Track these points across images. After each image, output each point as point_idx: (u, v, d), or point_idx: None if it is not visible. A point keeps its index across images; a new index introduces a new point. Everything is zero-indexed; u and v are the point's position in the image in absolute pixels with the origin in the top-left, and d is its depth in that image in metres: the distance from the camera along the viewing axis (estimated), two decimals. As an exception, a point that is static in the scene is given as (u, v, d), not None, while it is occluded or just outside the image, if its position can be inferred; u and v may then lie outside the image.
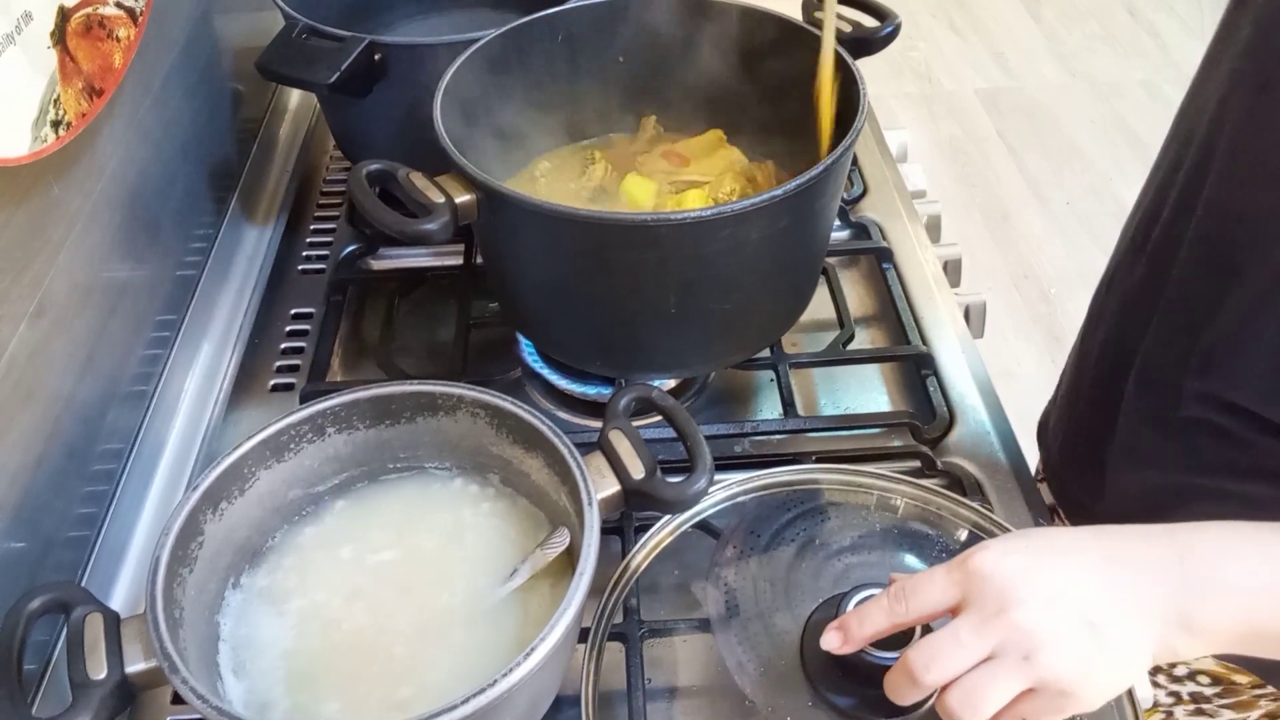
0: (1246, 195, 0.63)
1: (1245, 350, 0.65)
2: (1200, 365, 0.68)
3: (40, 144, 0.63)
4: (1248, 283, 0.64)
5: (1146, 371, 0.73)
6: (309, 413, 0.62)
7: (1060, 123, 2.92)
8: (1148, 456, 0.74)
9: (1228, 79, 0.65)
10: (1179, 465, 0.72)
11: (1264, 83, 0.61)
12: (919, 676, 0.49)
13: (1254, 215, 0.63)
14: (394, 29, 1.05)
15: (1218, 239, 0.66)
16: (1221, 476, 0.68)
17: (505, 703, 0.49)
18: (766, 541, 0.66)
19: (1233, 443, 0.68)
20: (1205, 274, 0.67)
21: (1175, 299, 0.70)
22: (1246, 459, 0.67)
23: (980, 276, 2.36)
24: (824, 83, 0.75)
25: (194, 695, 0.49)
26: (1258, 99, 0.62)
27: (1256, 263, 0.63)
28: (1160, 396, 0.72)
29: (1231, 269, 0.65)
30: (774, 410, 0.82)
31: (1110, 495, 0.79)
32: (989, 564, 0.50)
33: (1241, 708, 0.79)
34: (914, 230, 0.98)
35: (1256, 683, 0.77)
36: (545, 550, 0.60)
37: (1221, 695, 0.79)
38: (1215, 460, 0.69)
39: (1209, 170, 0.66)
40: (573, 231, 0.68)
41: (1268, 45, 0.61)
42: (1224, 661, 0.77)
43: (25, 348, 0.63)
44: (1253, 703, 0.78)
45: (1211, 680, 0.79)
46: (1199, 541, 0.51)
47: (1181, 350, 0.69)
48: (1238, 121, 0.64)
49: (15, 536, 0.62)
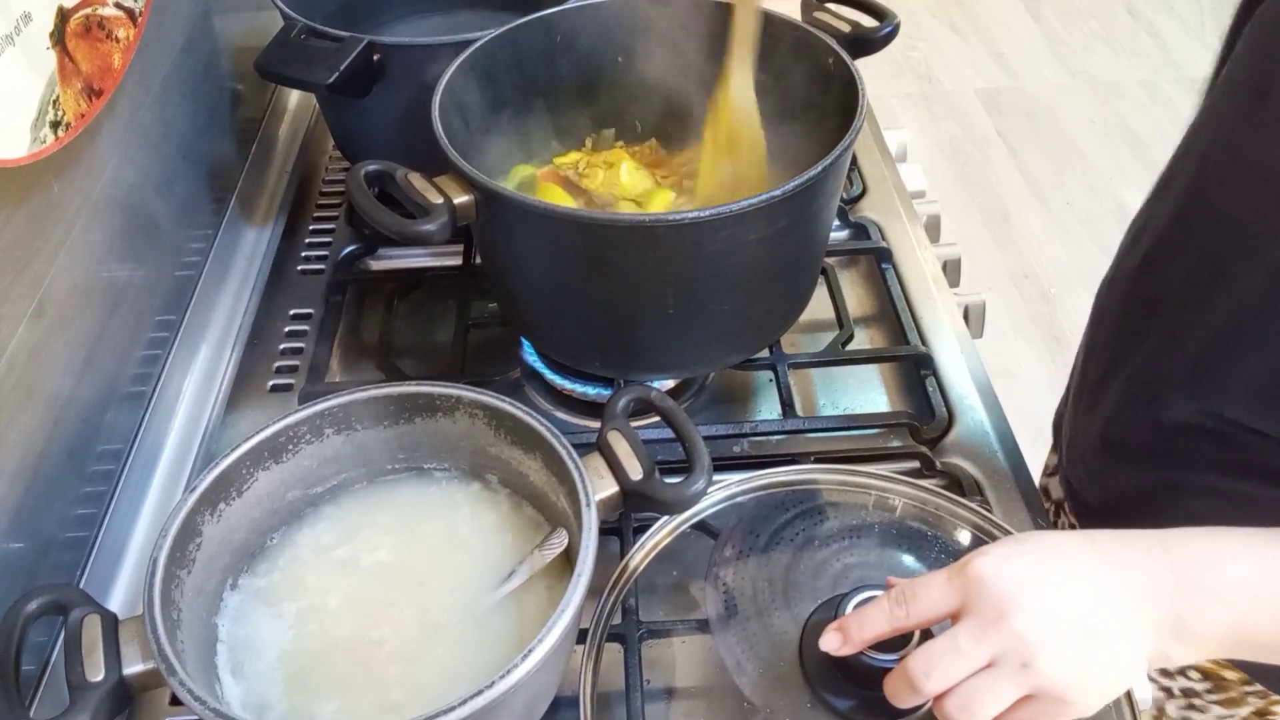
0: (1243, 202, 0.63)
1: (1233, 360, 0.65)
2: (1190, 374, 0.68)
3: (39, 145, 0.63)
4: (1236, 291, 0.64)
5: (1143, 374, 0.73)
6: (307, 414, 0.62)
7: (1060, 123, 2.92)
8: (1142, 456, 0.74)
9: (1226, 86, 0.66)
10: (1173, 464, 0.72)
11: (1262, 89, 0.61)
12: (919, 683, 0.49)
13: (1248, 222, 0.63)
14: (393, 29, 1.05)
15: (1213, 246, 0.66)
16: (1215, 475, 0.69)
17: (503, 704, 0.49)
18: (765, 541, 0.66)
19: (1225, 442, 0.68)
20: (1198, 281, 0.67)
21: (1170, 304, 0.70)
22: (1238, 458, 0.67)
23: (980, 276, 2.36)
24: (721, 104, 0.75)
25: (191, 697, 0.49)
26: (1256, 105, 0.62)
27: (1247, 270, 0.63)
28: (1154, 399, 0.72)
29: (1223, 276, 0.65)
30: (773, 411, 0.82)
31: (1109, 493, 0.79)
32: (988, 570, 0.50)
33: (1231, 704, 0.80)
34: (913, 230, 0.98)
35: (1245, 679, 0.77)
36: (543, 551, 0.60)
37: (1211, 691, 0.80)
38: (1209, 459, 0.69)
39: (1208, 176, 0.66)
40: (571, 232, 0.68)
41: (1266, 52, 0.61)
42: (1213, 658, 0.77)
43: (25, 348, 0.63)
44: (1241, 700, 0.79)
45: (1201, 676, 0.79)
46: (1190, 550, 0.51)
47: (1173, 356, 0.70)
48: (1235, 127, 0.64)
49: (14, 537, 0.62)
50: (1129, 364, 0.75)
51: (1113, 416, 0.77)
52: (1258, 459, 0.66)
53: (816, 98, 0.78)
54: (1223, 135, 0.66)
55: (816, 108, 0.78)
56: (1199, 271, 0.67)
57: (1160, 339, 0.71)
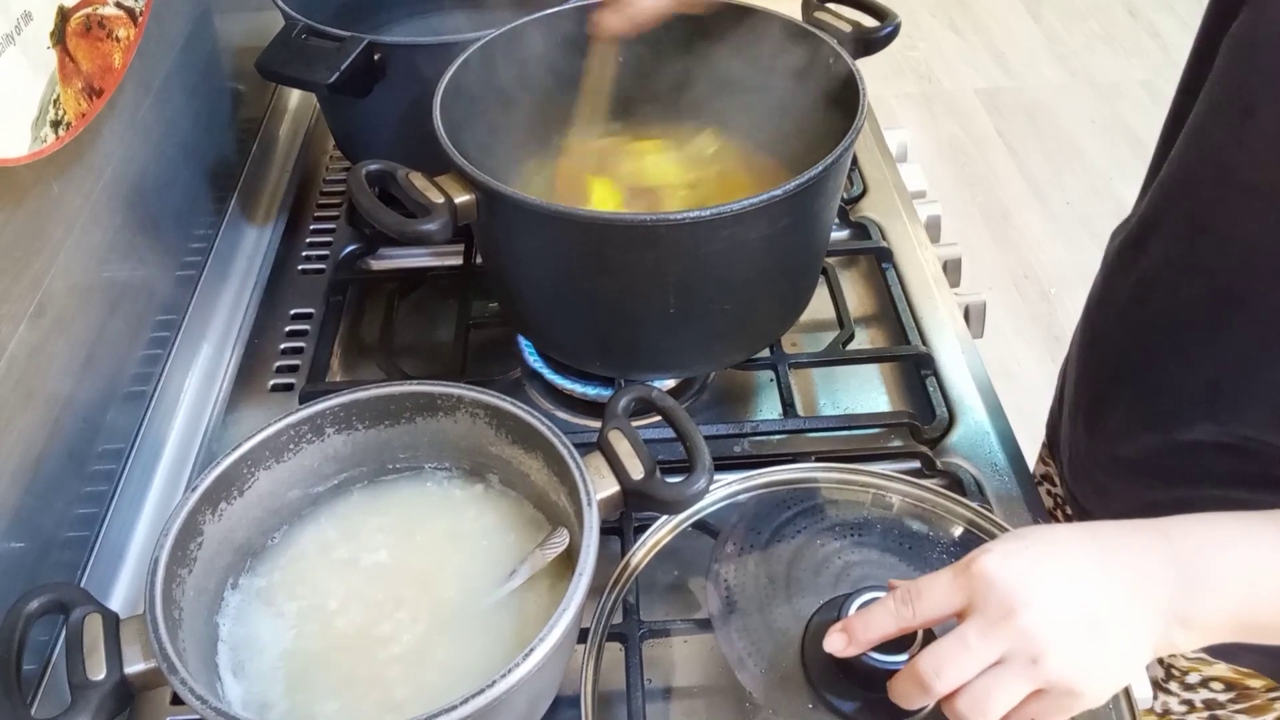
0: (1247, 225, 0.63)
1: (1256, 380, 0.65)
2: (1209, 396, 0.68)
3: (40, 144, 0.63)
4: (1254, 312, 0.64)
5: (1152, 397, 0.73)
6: (308, 413, 0.62)
7: (1060, 123, 2.92)
8: (1157, 474, 0.74)
9: (1206, 106, 0.65)
10: (1190, 480, 0.71)
11: (1246, 107, 0.61)
12: (929, 684, 0.49)
13: (1257, 244, 0.63)
14: (393, 29, 1.05)
15: (1222, 270, 0.66)
16: (1234, 488, 0.68)
17: (504, 703, 0.49)
18: (766, 539, 0.66)
19: (1245, 456, 0.67)
20: (1209, 305, 0.67)
21: (1178, 328, 0.70)
22: (1258, 469, 0.67)
23: (980, 276, 2.36)
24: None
25: (193, 696, 0.49)
26: (1242, 124, 0.62)
27: (1259, 291, 0.63)
28: (1169, 421, 0.72)
29: (1237, 299, 0.65)
30: (773, 410, 0.82)
31: (1120, 509, 0.78)
32: (992, 568, 0.50)
33: (1256, 712, 0.79)
34: (914, 230, 0.98)
35: (1271, 686, 0.77)
36: (544, 550, 0.60)
37: (1236, 700, 0.79)
38: (1227, 473, 0.69)
39: (1201, 200, 0.66)
40: (572, 231, 0.68)
41: (1247, 70, 0.61)
42: (1237, 668, 0.77)
43: (25, 348, 0.63)
44: (1268, 706, 0.78)
45: (1225, 686, 0.79)
46: (1190, 538, 0.52)
47: (1187, 380, 0.69)
48: (1224, 148, 0.64)
49: (15, 537, 0.62)
50: (1133, 386, 0.75)
51: (1123, 437, 0.76)
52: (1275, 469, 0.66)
53: (817, 98, 0.78)
54: (1211, 157, 0.65)
55: (817, 108, 0.78)
56: (1208, 296, 0.67)
57: (1169, 362, 0.71)
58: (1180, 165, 0.69)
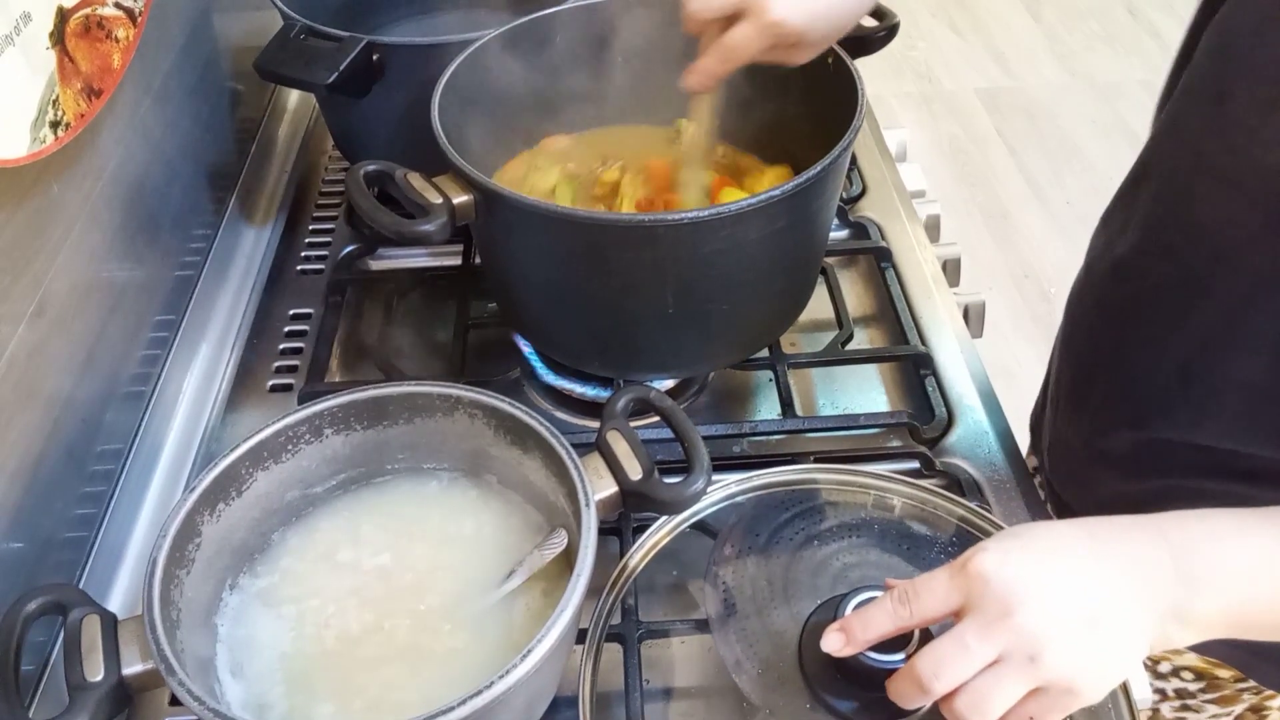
0: (1216, 211, 0.64)
1: (1223, 364, 0.66)
2: (1179, 380, 0.68)
3: (39, 145, 0.63)
4: (1219, 298, 0.65)
5: (1126, 383, 0.74)
6: (307, 414, 0.62)
7: (1060, 123, 2.92)
8: (1132, 465, 0.74)
9: (1183, 94, 0.66)
10: (1164, 471, 0.72)
11: (1219, 94, 0.62)
12: (928, 684, 0.49)
13: (1224, 230, 0.63)
14: (392, 29, 1.05)
15: (1190, 256, 0.66)
16: (1207, 479, 0.69)
17: (502, 704, 0.49)
18: (764, 541, 0.66)
19: (1209, 448, 0.68)
20: (1177, 290, 0.68)
21: (1148, 313, 0.71)
22: (1231, 462, 0.67)
23: (980, 276, 2.36)
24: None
25: (191, 697, 0.49)
26: (1216, 111, 0.63)
27: (1229, 277, 0.64)
28: (1141, 408, 0.72)
29: (1202, 285, 0.65)
30: (772, 410, 0.82)
31: (1096, 499, 0.79)
32: (989, 567, 0.50)
33: (1225, 702, 0.80)
34: (913, 230, 0.98)
35: (1239, 677, 0.77)
36: (543, 551, 0.60)
37: (1205, 690, 0.80)
38: (1201, 465, 0.69)
39: (1175, 186, 0.67)
40: (570, 232, 0.68)
41: (1222, 57, 0.62)
42: (1206, 657, 0.78)
43: (25, 348, 0.63)
44: (1236, 697, 0.79)
45: (1195, 676, 0.79)
46: (1186, 535, 0.52)
47: (1158, 364, 0.70)
48: (1198, 135, 0.65)
49: (13, 537, 0.62)
50: (1108, 372, 0.75)
51: (1098, 426, 0.77)
52: (1246, 462, 0.66)
53: (816, 97, 0.78)
54: (1187, 143, 0.66)
55: (816, 107, 0.78)
56: (1176, 281, 0.68)
57: (1140, 347, 0.71)
58: (1156, 151, 0.70)
